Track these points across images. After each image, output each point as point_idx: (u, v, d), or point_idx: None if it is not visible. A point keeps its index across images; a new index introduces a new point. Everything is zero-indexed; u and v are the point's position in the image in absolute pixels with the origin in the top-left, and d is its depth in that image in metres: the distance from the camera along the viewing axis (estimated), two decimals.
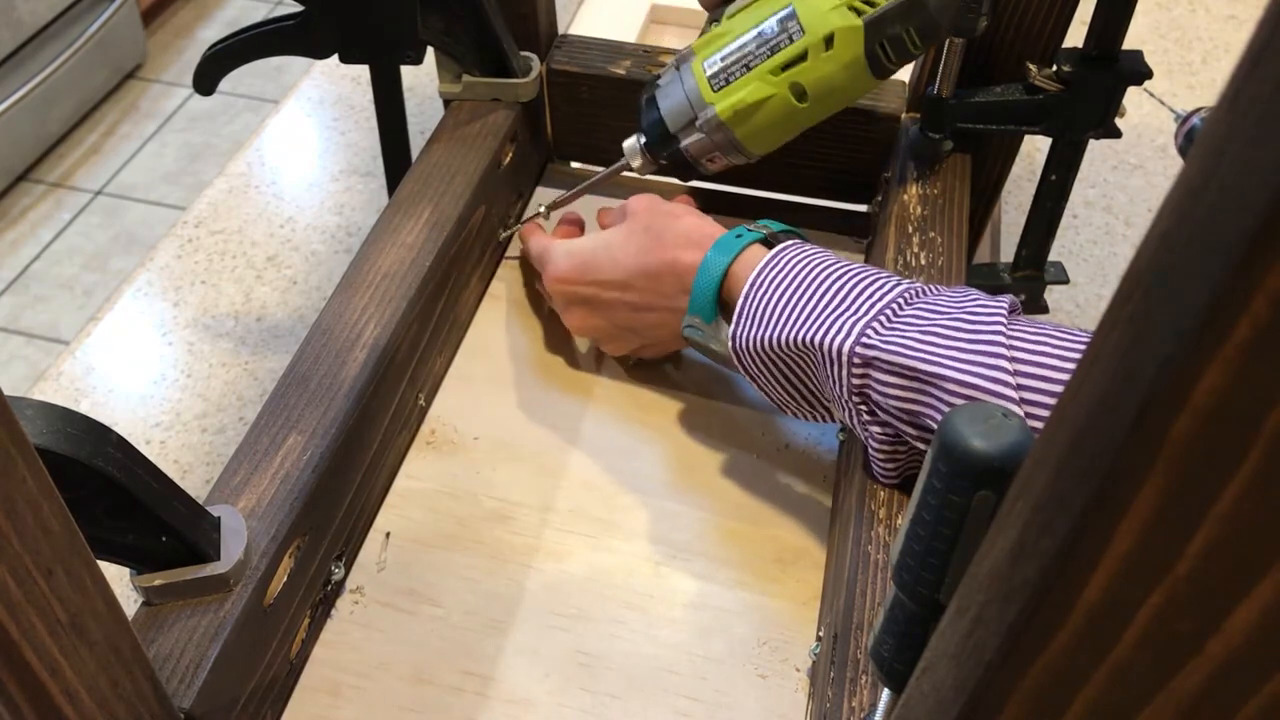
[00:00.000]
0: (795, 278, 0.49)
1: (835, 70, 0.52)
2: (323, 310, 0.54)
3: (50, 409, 0.36)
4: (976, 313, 0.45)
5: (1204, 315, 0.14)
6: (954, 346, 0.44)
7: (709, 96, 0.55)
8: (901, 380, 0.45)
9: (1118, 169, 0.90)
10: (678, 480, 0.57)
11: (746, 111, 0.54)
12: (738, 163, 0.58)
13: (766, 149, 0.57)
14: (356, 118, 0.91)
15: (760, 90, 0.53)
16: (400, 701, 0.48)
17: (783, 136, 0.56)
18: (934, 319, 0.45)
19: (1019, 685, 0.20)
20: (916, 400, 0.45)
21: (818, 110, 0.54)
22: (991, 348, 0.43)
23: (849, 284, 0.48)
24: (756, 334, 0.49)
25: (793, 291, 0.49)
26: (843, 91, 0.53)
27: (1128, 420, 0.16)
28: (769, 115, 0.54)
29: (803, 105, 0.53)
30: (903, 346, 0.45)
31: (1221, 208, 0.14)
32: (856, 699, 0.41)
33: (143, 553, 0.41)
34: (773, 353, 0.49)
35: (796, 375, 0.50)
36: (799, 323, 0.48)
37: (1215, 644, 0.17)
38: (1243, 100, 0.14)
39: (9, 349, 1.76)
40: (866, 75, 0.52)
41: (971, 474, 0.25)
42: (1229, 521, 0.16)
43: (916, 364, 0.44)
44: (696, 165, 0.58)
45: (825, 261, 0.50)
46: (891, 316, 0.46)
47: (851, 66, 0.52)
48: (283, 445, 0.48)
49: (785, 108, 0.54)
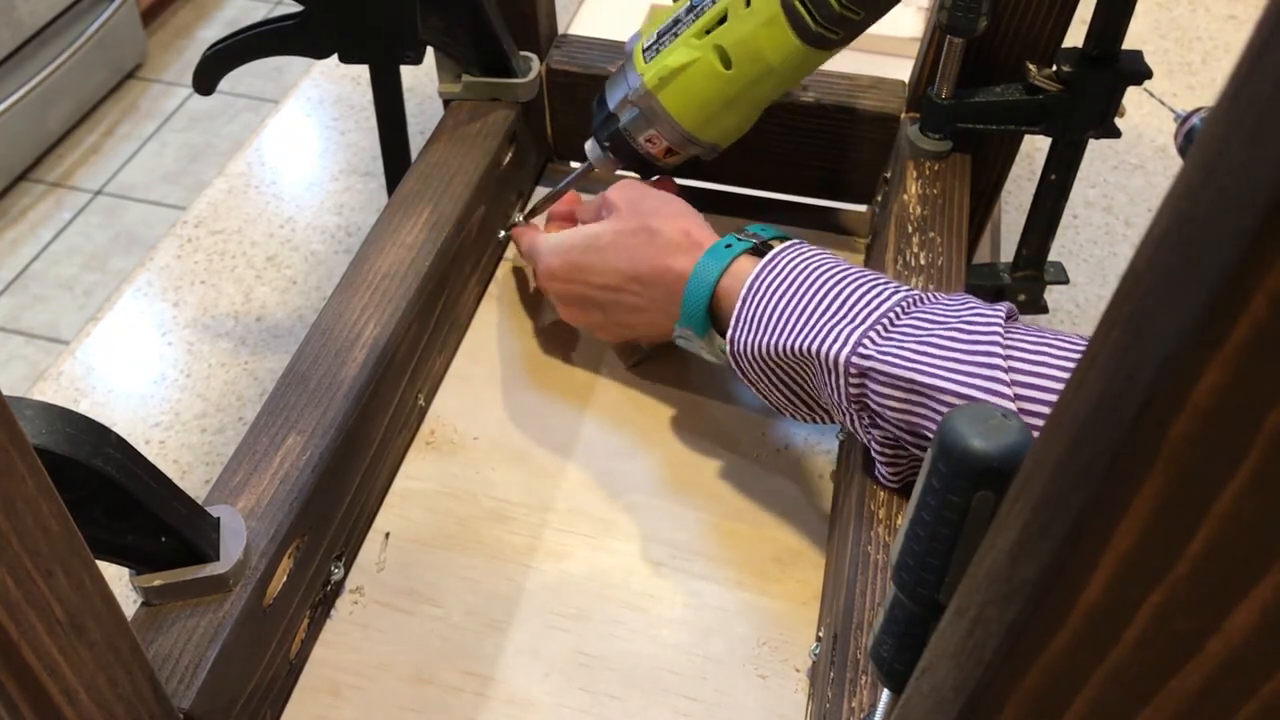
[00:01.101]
0: (792, 282, 0.49)
1: (755, 28, 0.50)
2: (322, 310, 0.54)
3: (50, 409, 0.36)
4: (973, 322, 0.45)
5: (1204, 315, 0.14)
6: (950, 358, 0.44)
7: (640, 67, 0.54)
8: (898, 392, 0.45)
9: (1118, 169, 0.90)
10: (677, 480, 0.57)
11: (670, 76, 0.53)
12: (681, 147, 0.56)
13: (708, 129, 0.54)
14: (356, 118, 0.91)
15: (684, 55, 0.52)
16: (400, 701, 0.48)
17: (721, 113, 0.54)
18: (930, 329, 0.45)
19: (1018, 685, 0.20)
20: (914, 411, 0.45)
21: (746, 78, 0.52)
22: (988, 359, 0.43)
23: (846, 290, 0.48)
24: (754, 340, 0.49)
25: (790, 297, 0.49)
26: (767, 55, 0.51)
27: (1127, 420, 0.16)
28: (693, 81, 0.52)
29: (728, 71, 0.52)
30: (898, 358, 0.44)
31: (1221, 207, 0.14)
32: (856, 699, 0.41)
33: (142, 553, 0.41)
34: (771, 359, 0.49)
35: (795, 381, 0.50)
36: (796, 330, 0.48)
37: (1215, 644, 0.17)
38: (1242, 100, 0.14)
39: (9, 349, 1.76)
40: (790, 38, 0.50)
41: (971, 474, 0.25)
42: (1229, 521, 0.16)
43: (913, 375, 0.44)
44: (640, 149, 0.56)
45: (823, 265, 0.50)
46: (888, 326, 0.46)
47: (771, 25, 0.50)
48: (282, 445, 0.48)
49: (709, 72, 0.52)
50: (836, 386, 0.46)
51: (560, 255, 0.57)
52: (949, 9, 0.56)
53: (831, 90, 0.67)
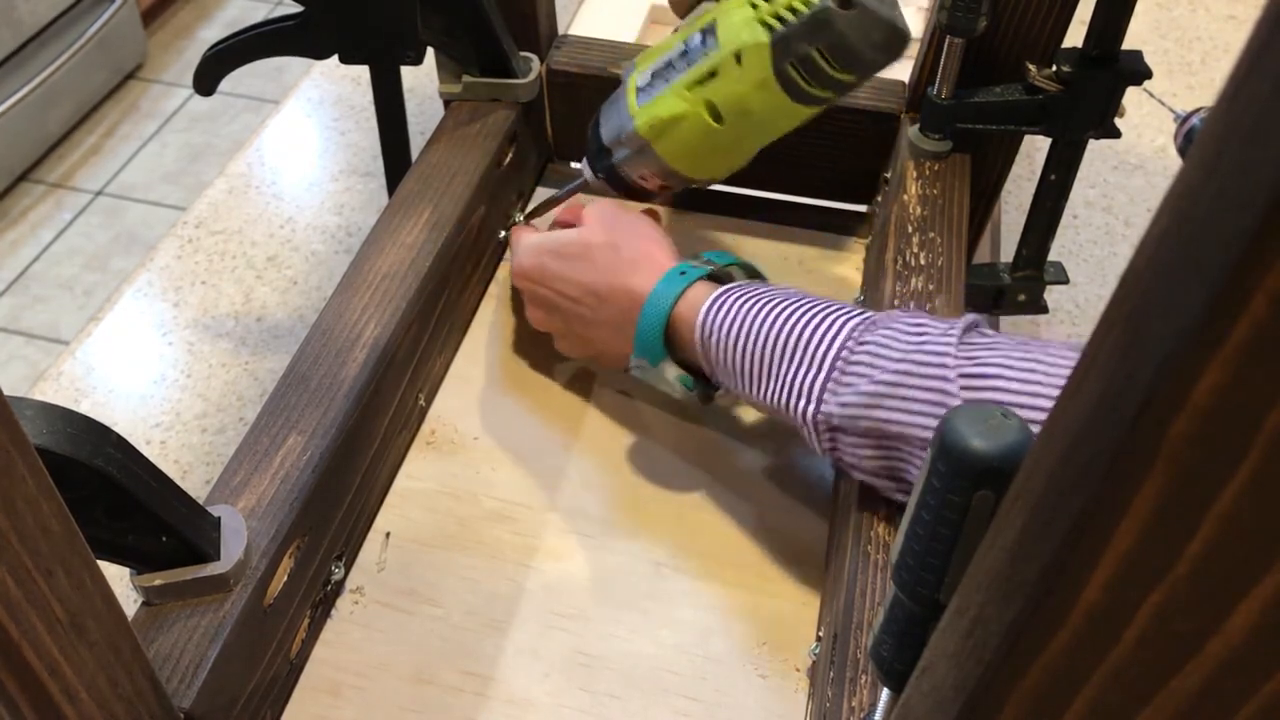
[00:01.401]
0: (740, 328, 0.49)
1: (747, 90, 0.50)
2: (323, 310, 0.54)
3: (50, 409, 0.36)
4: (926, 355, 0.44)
5: (1203, 315, 0.14)
6: (909, 398, 0.43)
7: (632, 109, 0.53)
8: (869, 441, 0.45)
9: (1118, 169, 0.90)
10: (677, 480, 0.57)
11: (661, 126, 0.52)
12: (675, 184, 0.55)
13: (700, 171, 0.54)
14: (356, 118, 0.91)
15: (675, 105, 0.51)
16: (400, 701, 0.48)
17: (712, 158, 0.54)
18: (884, 365, 0.44)
19: (1019, 685, 0.20)
20: (888, 458, 0.45)
21: (739, 133, 0.52)
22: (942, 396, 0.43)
23: (797, 328, 0.47)
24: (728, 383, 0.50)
25: (742, 344, 0.48)
26: (759, 115, 0.51)
27: (1127, 420, 0.16)
28: (686, 133, 0.52)
29: (720, 126, 0.51)
30: (861, 407, 0.44)
31: (1220, 207, 0.14)
32: (856, 699, 0.41)
33: (143, 553, 0.41)
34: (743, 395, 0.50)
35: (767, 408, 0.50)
36: (758, 381, 0.48)
37: (1215, 644, 0.17)
38: (1241, 100, 0.14)
39: (9, 349, 1.76)
40: (782, 98, 0.49)
41: (971, 474, 0.25)
42: (1229, 521, 0.16)
43: (879, 426, 0.44)
44: (632, 184, 0.56)
45: (769, 303, 0.49)
46: (845, 368, 0.45)
47: (763, 87, 0.49)
48: (283, 445, 0.48)
49: (701, 126, 0.51)
50: (810, 440, 0.47)
51: (532, 255, 0.58)
52: (949, 9, 0.56)
53: None
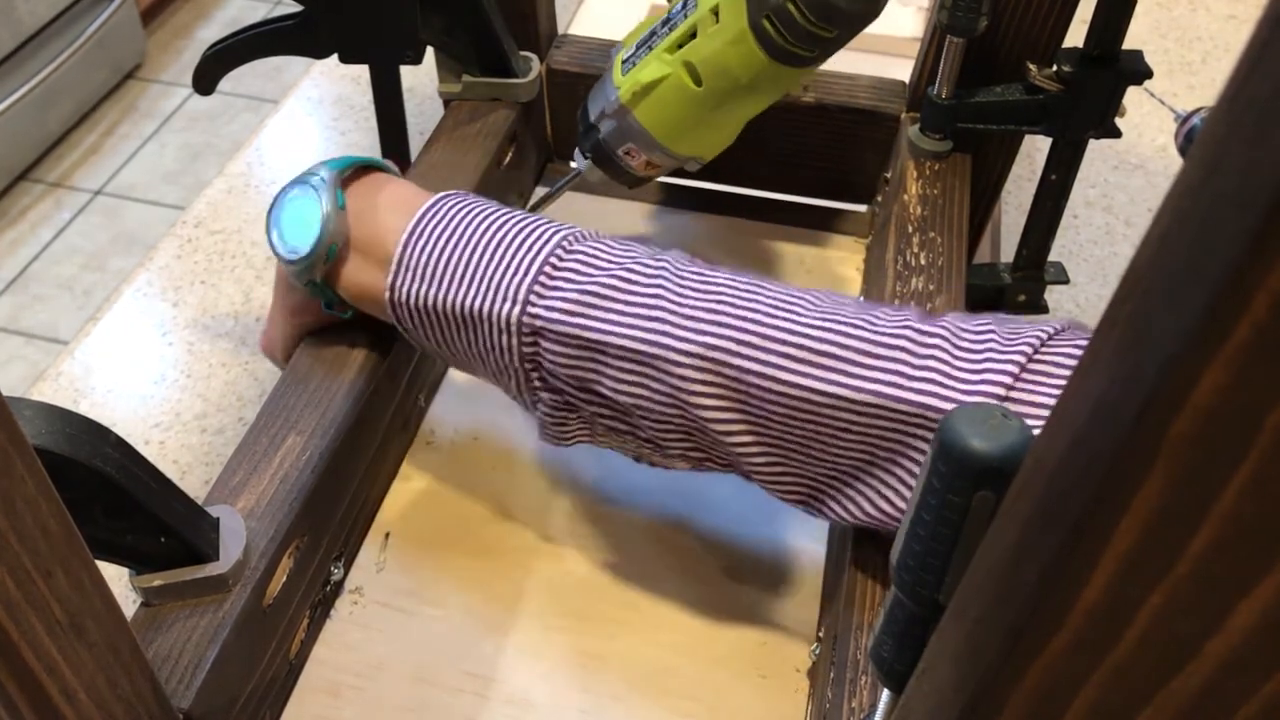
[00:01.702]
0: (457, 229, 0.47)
1: (723, 46, 0.50)
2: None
3: (49, 409, 0.36)
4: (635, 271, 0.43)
5: (1204, 315, 0.14)
6: (615, 309, 0.43)
7: (617, 79, 0.54)
8: (570, 350, 0.44)
9: (1118, 169, 0.90)
10: (677, 480, 0.57)
11: (642, 92, 0.52)
12: (660, 161, 0.55)
13: (683, 144, 0.54)
14: (356, 117, 0.91)
15: (656, 69, 0.52)
16: (400, 702, 0.48)
17: (695, 129, 0.53)
18: (594, 275, 0.44)
19: (1019, 686, 0.20)
20: (583, 366, 0.44)
21: (720, 98, 0.52)
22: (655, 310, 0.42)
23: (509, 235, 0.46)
24: (419, 290, 0.47)
25: (455, 246, 0.46)
26: (738, 75, 0.50)
27: (1128, 420, 0.16)
28: (665, 97, 0.52)
29: (698, 88, 0.51)
30: (565, 312, 0.43)
31: (1221, 207, 0.14)
32: (856, 699, 0.41)
33: (141, 553, 0.41)
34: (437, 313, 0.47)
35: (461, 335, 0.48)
36: (464, 285, 0.46)
37: (1216, 644, 0.17)
38: (1242, 100, 0.14)
39: (8, 349, 1.76)
40: (760, 55, 0.49)
41: (971, 474, 0.25)
42: (1230, 521, 0.16)
43: (582, 332, 0.43)
44: (620, 161, 0.56)
45: (485, 210, 0.48)
46: (553, 271, 0.44)
47: (739, 43, 0.49)
48: (282, 445, 0.48)
49: (680, 89, 0.52)
50: (509, 347, 0.45)
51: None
52: (949, 9, 0.56)
53: (831, 90, 0.67)
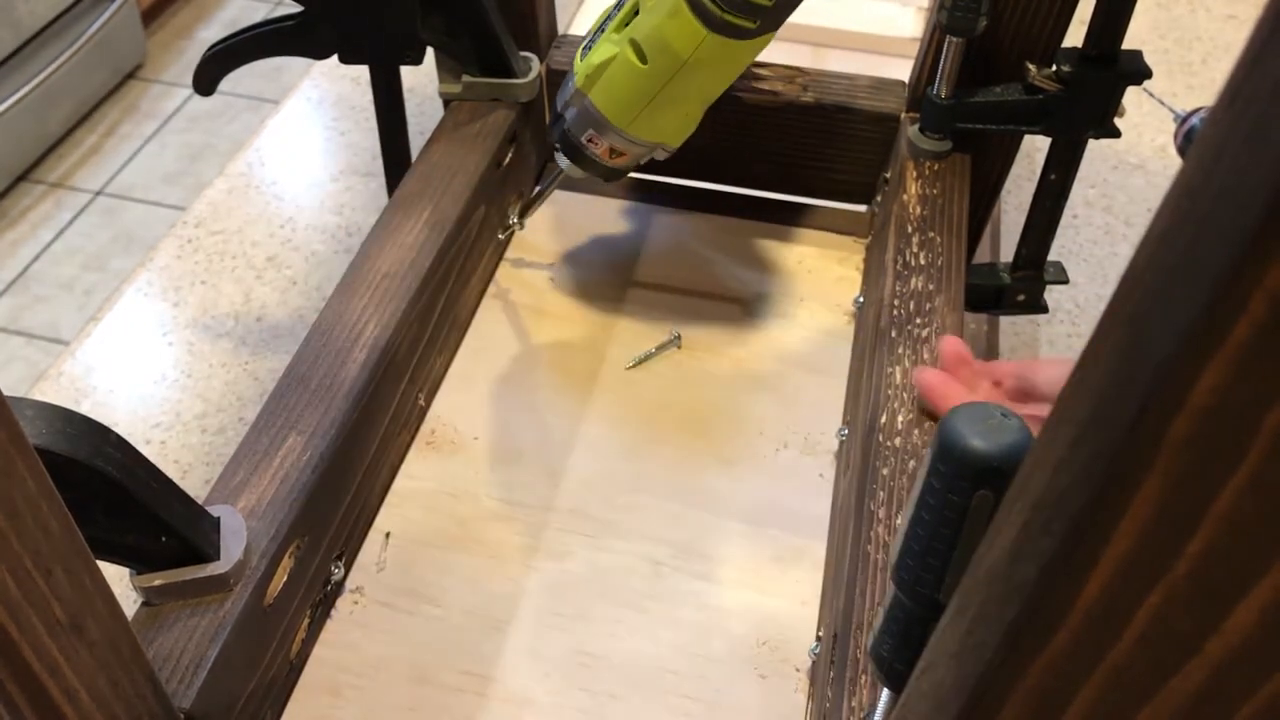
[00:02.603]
0: None
1: (662, 20, 0.50)
2: (323, 310, 0.54)
3: (50, 409, 0.36)
4: None
5: (1202, 315, 0.14)
6: None
7: (576, 66, 0.54)
8: None
9: (1118, 169, 0.90)
10: (677, 480, 0.57)
11: (594, 74, 0.53)
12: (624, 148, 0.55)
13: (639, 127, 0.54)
14: (356, 118, 0.91)
15: (605, 50, 0.52)
16: (400, 701, 0.48)
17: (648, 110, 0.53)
18: None
19: (1018, 685, 0.20)
20: None
21: (664, 72, 0.51)
22: None
23: None
24: None
25: None
26: (676, 47, 0.50)
27: (1127, 420, 0.16)
28: (614, 77, 0.52)
29: (644, 66, 0.51)
30: None
31: (1220, 207, 0.14)
32: (856, 698, 0.41)
33: (142, 553, 0.41)
34: None
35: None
36: None
37: (1214, 644, 0.17)
38: (1241, 100, 0.14)
39: (9, 349, 1.76)
40: (697, 27, 0.49)
41: (971, 474, 0.25)
42: (1228, 522, 0.16)
43: None
44: (585, 150, 0.56)
45: None
46: None
47: (674, 15, 0.49)
48: (282, 445, 0.48)
49: (628, 68, 0.52)
50: None
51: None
52: (949, 9, 0.56)
53: (831, 90, 0.67)
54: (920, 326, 0.54)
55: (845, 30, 0.90)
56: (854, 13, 0.91)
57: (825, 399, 0.60)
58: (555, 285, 0.67)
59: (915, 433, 0.49)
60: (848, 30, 0.90)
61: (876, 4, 0.94)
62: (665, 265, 0.68)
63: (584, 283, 0.67)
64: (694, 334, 0.64)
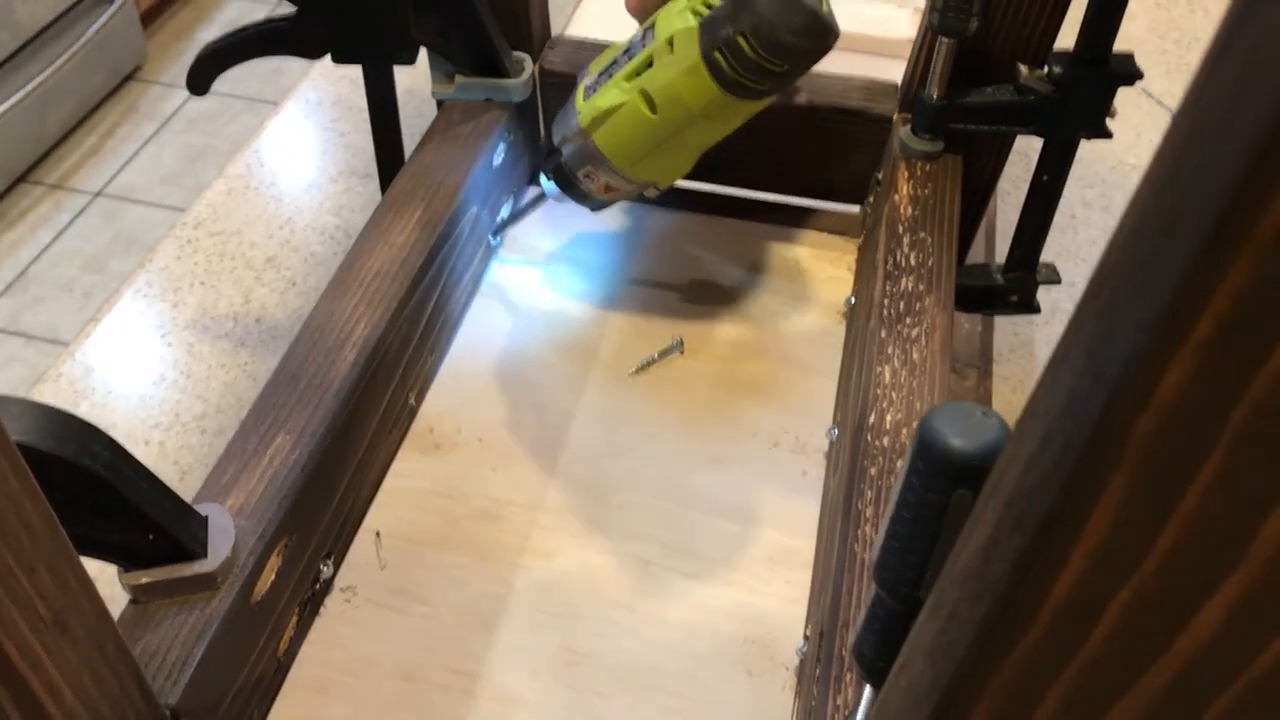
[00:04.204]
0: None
1: (676, 76, 0.51)
2: (313, 309, 0.54)
3: (36, 407, 0.36)
4: None
5: (1167, 312, 0.14)
6: None
7: (579, 104, 0.55)
8: None
9: (1116, 169, 0.90)
10: (667, 480, 0.57)
11: (601, 118, 0.53)
12: (618, 185, 0.56)
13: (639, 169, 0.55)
14: (355, 119, 0.91)
15: (614, 96, 0.53)
16: (388, 699, 0.48)
17: (651, 155, 0.54)
18: None
19: (991, 681, 0.20)
20: None
21: (674, 126, 0.52)
22: None
23: None
24: None
25: None
26: (690, 104, 0.51)
27: (1093, 417, 0.16)
28: (622, 123, 0.53)
29: (654, 116, 0.52)
30: None
31: (1185, 203, 0.14)
32: (841, 696, 0.41)
33: (130, 550, 0.41)
34: None
35: None
36: None
37: (1184, 641, 0.17)
38: (1206, 97, 0.14)
39: (8, 350, 1.76)
40: (712, 86, 0.50)
41: (950, 472, 0.25)
42: (1196, 519, 0.16)
43: None
44: (577, 183, 0.57)
45: None
46: None
47: (692, 74, 0.50)
48: (272, 444, 0.48)
49: (636, 116, 0.53)
50: None
51: None
52: (940, 10, 0.56)
53: (824, 91, 0.67)
54: (910, 326, 0.54)
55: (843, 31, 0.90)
56: (852, 13, 0.91)
57: (817, 399, 0.60)
58: (547, 285, 0.67)
59: (903, 432, 0.49)
60: (846, 31, 0.90)
61: (874, 5, 0.94)
62: (657, 265, 0.68)
63: (575, 282, 0.67)
64: (686, 333, 0.64)
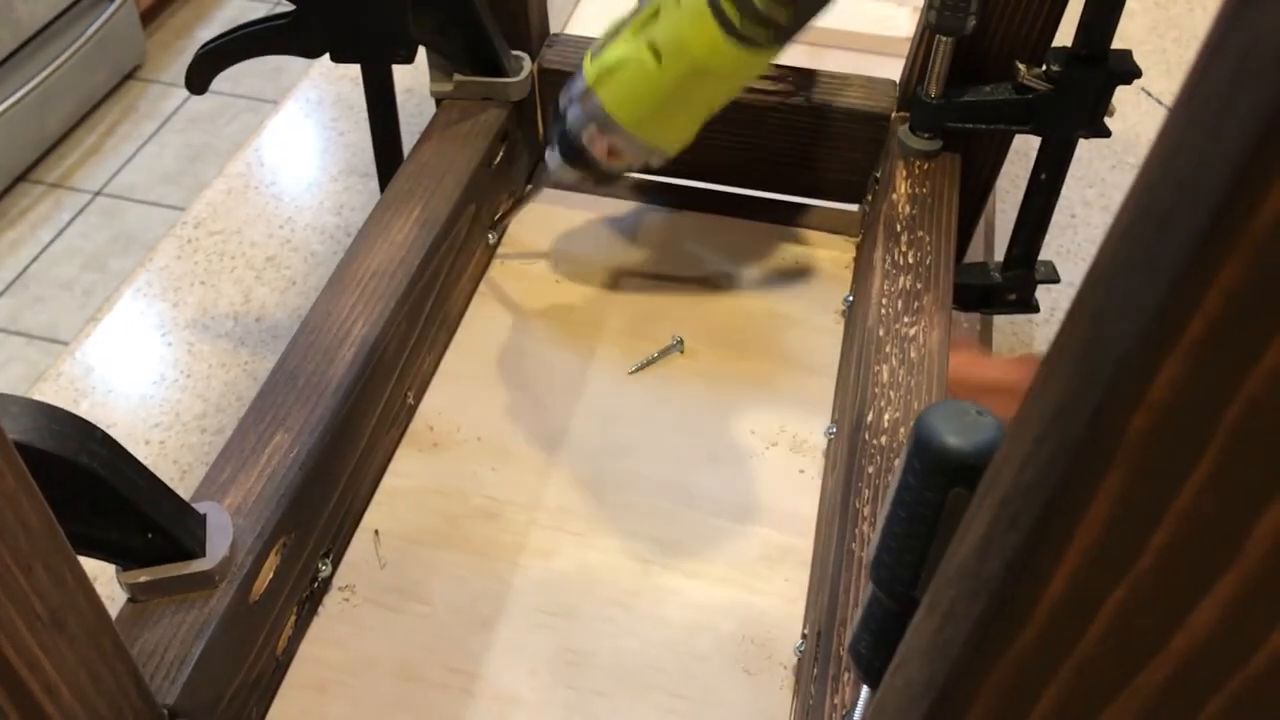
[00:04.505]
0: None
1: (682, 22, 0.51)
2: (311, 308, 0.54)
3: (34, 405, 0.36)
4: None
5: (1159, 310, 0.14)
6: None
7: (586, 67, 0.55)
8: None
9: (1116, 168, 0.90)
10: (665, 479, 0.57)
11: (607, 72, 0.53)
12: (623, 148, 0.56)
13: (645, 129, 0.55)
14: (355, 118, 0.91)
15: (621, 50, 0.53)
16: (387, 698, 0.48)
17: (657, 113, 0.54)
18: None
19: (987, 680, 0.20)
20: None
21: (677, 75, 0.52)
22: None
23: None
24: None
25: None
26: (693, 50, 0.51)
27: (1087, 416, 0.16)
28: (627, 76, 0.53)
29: (658, 66, 0.52)
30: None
31: (1177, 203, 0.14)
32: (839, 695, 0.41)
33: (128, 549, 0.41)
34: None
35: None
36: None
37: (1179, 639, 0.17)
38: (1199, 95, 0.14)
39: (8, 350, 1.76)
40: (716, 33, 0.50)
41: (946, 471, 0.25)
42: (1190, 517, 0.16)
43: None
44: (583, 148, 0.56)
45: None
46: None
47: (698, 20, 0.50)
48: (270, 443, 0.48)
49: (641, 68, 0.52)
50: None
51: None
52: (938, 8, 0.56)
53: (823, 90, 0.67)
54: (908, 325, 0.54)
55: (842, 30, 0.90)
56: (851, 12, 0.91)
57: (815, 397, 0.60)
58: (545, 283, 0.67)
59: (901, 431, 0.49)
60: (845, 30, 0.90)
61: (874, 4, 0.94)
62: (655, 263, 0.68)
63: (574, 281, 0.67)
64: (684, 332, 0.64)
